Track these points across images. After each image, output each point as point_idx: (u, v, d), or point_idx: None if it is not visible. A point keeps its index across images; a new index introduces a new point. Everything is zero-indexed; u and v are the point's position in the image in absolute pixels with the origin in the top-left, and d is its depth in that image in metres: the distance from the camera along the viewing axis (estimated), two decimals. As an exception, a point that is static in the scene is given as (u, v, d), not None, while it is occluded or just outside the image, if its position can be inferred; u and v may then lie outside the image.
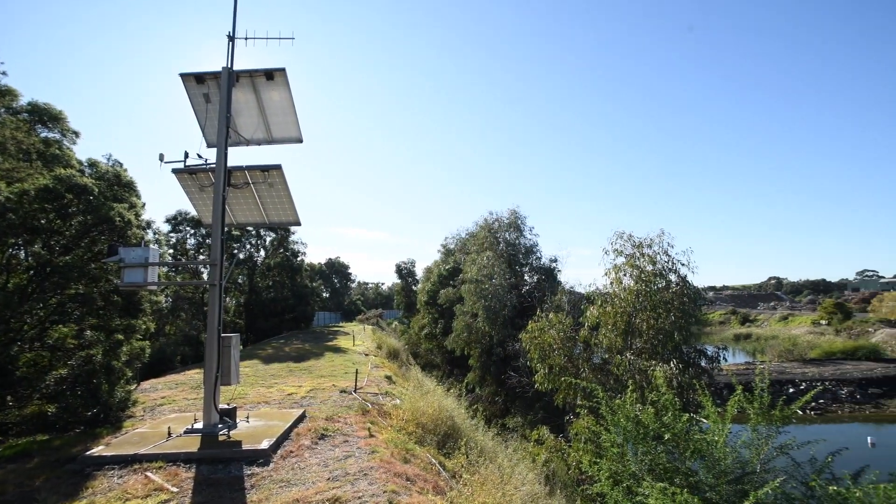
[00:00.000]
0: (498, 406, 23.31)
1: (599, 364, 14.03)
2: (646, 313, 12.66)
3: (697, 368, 12.96)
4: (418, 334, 40.66)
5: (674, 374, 11.04)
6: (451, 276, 32.53)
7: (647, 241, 13.61)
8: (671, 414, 7.62)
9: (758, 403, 7.69)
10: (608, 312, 13.21)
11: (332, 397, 11.88)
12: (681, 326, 12.38)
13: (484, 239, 26.51)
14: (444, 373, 33.94)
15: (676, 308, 12.52)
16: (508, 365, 21.58)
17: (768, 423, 7.55)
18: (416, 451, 8.50)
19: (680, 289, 12.96)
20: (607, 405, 8.40)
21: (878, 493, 5.97)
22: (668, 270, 13.26)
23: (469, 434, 10.88)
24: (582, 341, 14.28)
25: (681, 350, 12.96)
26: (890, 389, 35.23)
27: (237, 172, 9.32)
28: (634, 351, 13.05)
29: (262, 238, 41.76)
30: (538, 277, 26.35)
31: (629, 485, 7.52)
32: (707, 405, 8.17)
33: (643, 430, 7.70)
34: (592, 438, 9.71)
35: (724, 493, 6.94)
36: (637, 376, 12.04)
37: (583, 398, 11.98)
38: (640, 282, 13.04)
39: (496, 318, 22.68)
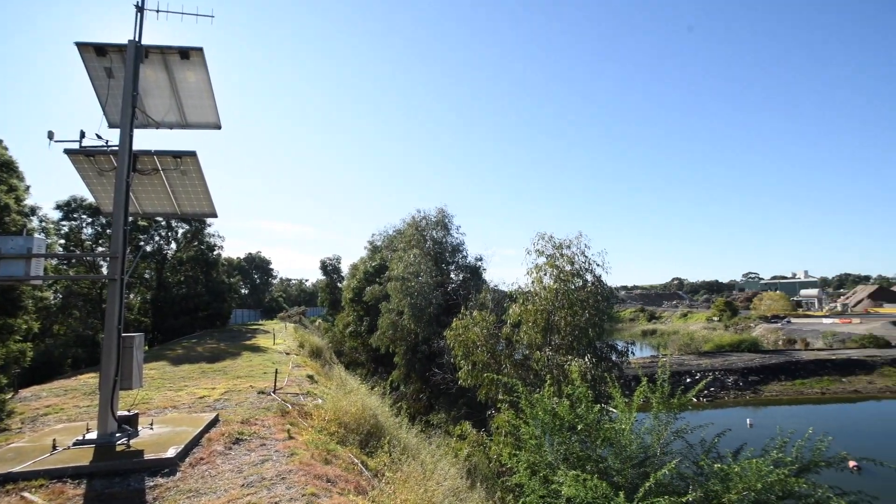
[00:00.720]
0: (422, 403, 23.48)
1: (521, 360, 14.61)
2: (564, 311, 13.39)
3: (609, 362, 13.94)
4: (343, 332, 39.81)
5: (588, 367, 11.77)
6: (378, 274, 32.21)
7: (567, 243, 14.40)
8: (584, 405, 8.12)
9: (659, 393, 8.42)
10: (529, 310, 13.79)
11: (249, 399, 11.29)
12: (595, 323, 13.26)
13: (411, 237, 26.55)
14: (369, 371, 33.54)
15: (591, 306, 13.38)
16: (433, 362, 21.79)
17: (668, 410, 8.30)
18: (338, 451, 8.32)
19: (595, 288, 13.87)
20: (527, 399, 8.76)
21: (751, 466, 6.81)
22: (585, 270, 14.14)
23: (393, 432, 10.84)
24: (504, 338, 14.78)
25: (594, 345, 13.87)
26: (765, 377, 40.13)
27: (145, 157, 8.54)
28: (553, 347, 13.73)
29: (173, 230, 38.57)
30: (464, 276, 26.87)
31: (545, 474, 7.90)
32: (616, 396, 8.81)
33: (559, 422, 8.12)
34: (512, 432, 10.08)
35: (629, 477, 7.52)
36: (555, 371, 12.68)
37: (504, 393, 12.41)
38: (560, 281, 13.77)
39: (422, 315, 22.80)
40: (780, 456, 7.70)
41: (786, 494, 7.12)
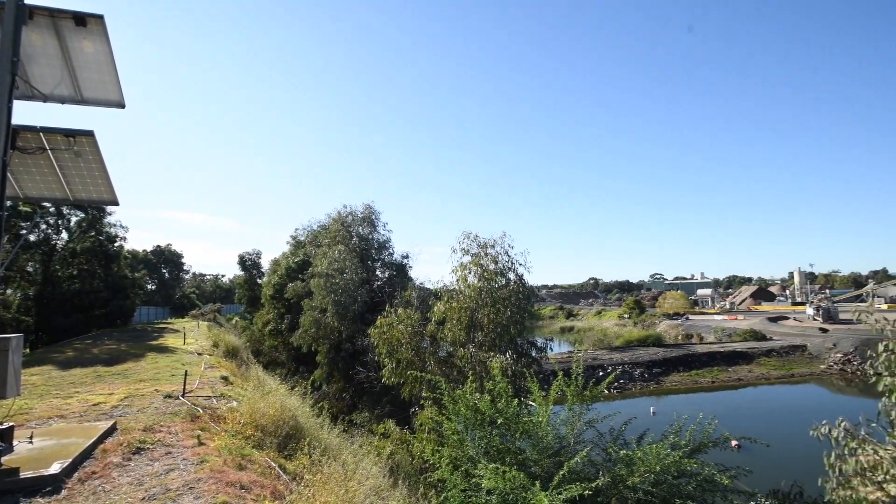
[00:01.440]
0: (345, 402, 23.02)
1: (444, 357, 14.79)
2: (487, 309, 13.75)
3: (529, 358, 14.52)
4: (262, 330, 37.95)
5: (509, 363, 12.18)
6: (301, 270, 31.04)
7: (491, 242, 14.79)
8: (504, 400, 8.40)
9: (574, 387, 8.92)
10: (454, 308, 14.00)
11: (154, 404, 10.40)
12: (517, 321, 13.76)
13: (336, 232, 25.88)
14: (290, 371, 32.29)
15: (514, 304, 13.87)
16: (357, 360, 21.44)
17: (581, 402, 8.83)
18: (254, 455, 7.91)
19: (517, 287, 14.38)
20: (449, 396, 8.90)
21: (652, 451, 7.46)
22: (508, 269, 14.62)
23: (314, 433, 10.52)
24: (429, 335, 14.89)
25: (516, 342, 14.38)
26: (667, 369, 44.02)
27: (28, 134, 7.52)
28: (476, 344, 14.05)
29: (65, 218, 34.41)
30: (390, 273, 26.69)
31: (467, 468, 8.07)
32: (534, 390, 9.21)
33: (480, 417, 8.33)
34: (435, 428, 10.19)
35: (546, 466, 7.90)
36: (477, 367, 12.99)
37: (428, 390, 12.51)
38: (484, 279, 14.12)
39: (346, 313, 22.34)
40: (676, 440, 8.50)
41: (680, 474, 7.88)
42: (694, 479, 7.94)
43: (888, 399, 6.48)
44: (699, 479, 7.89)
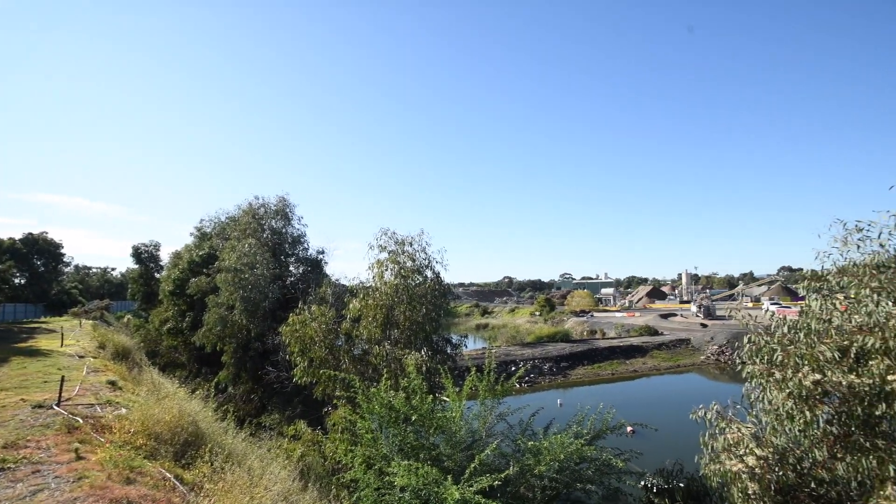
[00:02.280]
0: (254, 404, 21.81)
1: (360, 355, 14.55)
2: (404, 306, 13.74)
3: (444, 355, 14.74)
4: (159, 329, 34.73)
5: (424, 360, 12.27)
6: (206, 264, 28.83)
7: (409, 240, 14.78)
8: (419, 397, 8.45)
9: (486, 382, 9.23)
10: (370, 305, 13.82)
11: (19, 416, 9.11)
12: (433, 318, 13.90)
13: (247, 225, 24.39)
14: (192, 373, 29.92)
15: (430, 301, 13.98)
16: (267, 360, 20.41)
17: (493, 397, 9.16)
18: (146, 467, 7.23)
19: (434, 284, 14.52)
20: (364, 394, 8.78)
21: (556, 440, 7.94)
22: (425, 267, 14.70)
23: (216, 438, 9.85)
24: (344, 333, 14.56)
25: (431, 339, 14.52)
26: (573, 363, 46.97)
27: None
28: (392, 341, 13.99)
29: None
30: (304, 269, 25.70)
31: (380, 466, 8.01)
32: (448, 386, 9.37)
33: (395, 414, 8.32)
34: (349, 427, 10.00)
35: (459, 460, 8.08)
36: (393, 364, 12.94)
37: (342, 389, 12.22)
38: (400, 277, 14.08)
39: (256, 310, 21.16)
40: (579, 429, 9.12)
41: (581, 460, 8.47)
42: (593, 464, 8.59)
43: (750, 384, 7.48)
44: (598, 463, 8.55)
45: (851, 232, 7.09)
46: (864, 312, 6.51)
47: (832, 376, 6.25)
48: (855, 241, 7.05)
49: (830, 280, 7.34)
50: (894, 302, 6.42)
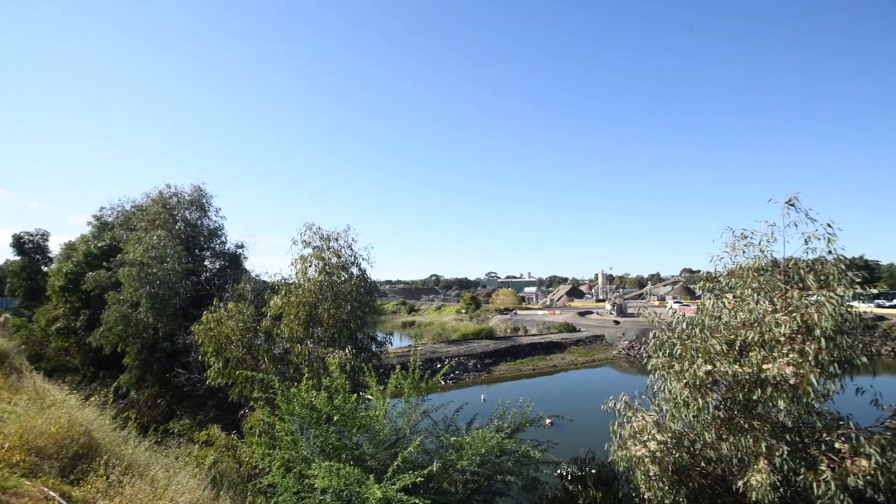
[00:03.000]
0: (161, 409, 20.19)
1: (281, 354, 13.96)
2: (328, 303, 13.36)
3: (369, 352, 14.54)
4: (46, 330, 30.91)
5: (348, 359, 12.02)
6: (107, 256, 26.09)
7: (335, 235, 14.38)
8: (342, 396, 8.27)
9: (411, 379, 9.24)
10: (292, 302, 13.30)
11: None
12: (358, 316, 13.64)
13: (156, 215, 22.43)
14: (86, 377, 27.01)
15: (355, 299, 13.71)
16: (177, 361, 18.95)
17: (417, 394, 9.18)
18: (23, 486, 6.42)
19: (360, 281, 14.26)
20: (283, 395, 8.43)
21: (478, 435, 8.14)
22: (351, 264, 14.39)
23: (114, 449, 8.98)
24: (264, 332, 13.90)
25: (356, 337, 14.26)
26: (497, 359, 48.43)
27: None
28: (315, 339, 13.57)
29: None
30: (221, 264, 24.15)
31: (301, 469, 7.74)
32: (372, 385, 9.27)
33: (317, 415, 8.07)
34: (267, 430, 9.56)
35: (382, 459, 8.01)
36: (315, 364, 12.56)
37: (260, 390, 11.65)
38: (325, 273, 13.68)
39: (165, 307, 19.56)
40: (500, 423, 9.42)
41: (502, 453, 8.76)
42: (513, 456, 8.91)
43: (653, 375, 8.19)
44: (517, 455, 8.88)
45: (738, 239, 7.97)
46: (747, 310, 7.35)
47: (721, 367, 6.99)
48: (741, 247, 7.93)
49: (721, 281, 8.22)
50: (770, 301, 7.32)
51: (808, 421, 7.31)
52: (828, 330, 6.48)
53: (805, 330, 6.70)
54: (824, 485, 6.21)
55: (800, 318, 6.73)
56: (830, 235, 7.17)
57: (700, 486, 7.79)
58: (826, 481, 6.21)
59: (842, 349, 6.65)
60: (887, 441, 6.51)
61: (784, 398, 6.68)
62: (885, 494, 6.32)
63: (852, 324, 6.94)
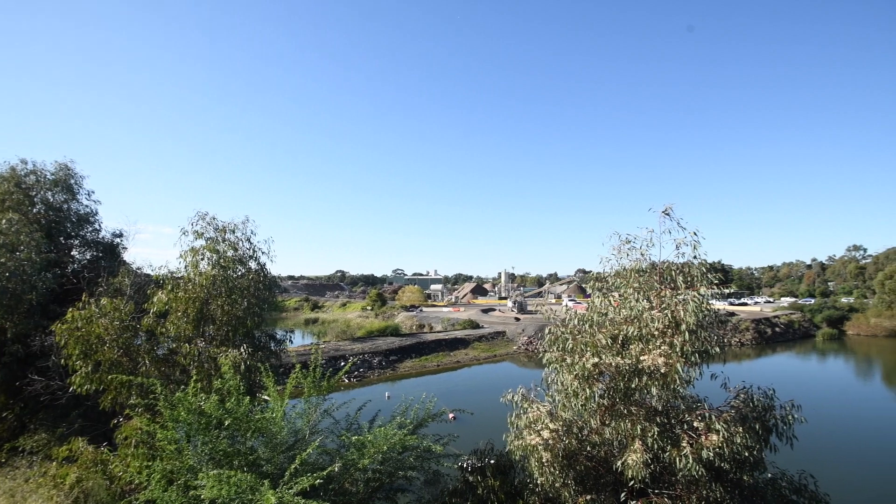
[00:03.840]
0: (7, 424, 17.28)
1: (165, 355, 12.68)
2: (222, 299, 12.39)
3: (267, 351, 13.75)
4: None
5: (243, 358, 11.28)
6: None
7: (231, 227, 13.37)
8: (235, 398, 7.75)
9: (311, 378, 8.94)
10: (181, 298, 12.15)
11: None
12: (255, 312, 12.83)
13: (7, 195, 19.12)
14: None
15: (253, 294, 12.87)
16: (31, 367, 16.37)
17: (318, 393, 8.91)
18: None
19: (258, 276, 13.42)
20: (167, 400, 7.69)
21: (380, 433, 8.12)
22: (250, 257, 13.48)
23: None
24: (146, 330, 12.52)
25: (253, 335, 13.40)
26: (402, 356, 48.54)
27: None
28: (207, 338, 12.53)
29: None
30: (94, 254, 21.24)
31: (186, 480, 7.12)
32: (269, 385, 8.81)
33: (206, 420, 7.47)
34: (146, 440, 8.64)
35: (279, 463, 7.64)
36: (206, 364, 11.61)
37: (139, 396, 10.50)
38: (219, 267, 12.67)
39: (18, 304, 16.77)
40: (403, 419, 9.48)
41: (404, 449, 8.81)
42: (415, 452, 9.02)
43: (548, 368, 8.79)
44: (419, 450, 9.00)
45: (624, 243, 8.84)
46: (629, 307, 8.18)
47: (606, 359, 7.71)
48: (626, 251, 8.79)
49: (609, 281, 9.05)
50: (648, 299, 8.21)
51: (675, 404, 8.32)
52: (692, 325, 7.43)
53: (674, 325, 7.62)
54: (684, 458, 7.12)
55: (671, 315, 7.65)
56: (696, 242, 8.23)
57: (586, 469, 8.49)
58: (685, 455, 7.12)
59: (702, 341, 7.68)
60: (731, 418, 7.66)
61: (656, 385, 7.55)
62: (728, 463, 7.42)
63: (710, 319, 8.04)
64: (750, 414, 7.96)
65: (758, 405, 8.15)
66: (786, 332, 68.00)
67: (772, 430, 8.01)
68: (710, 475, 7.57)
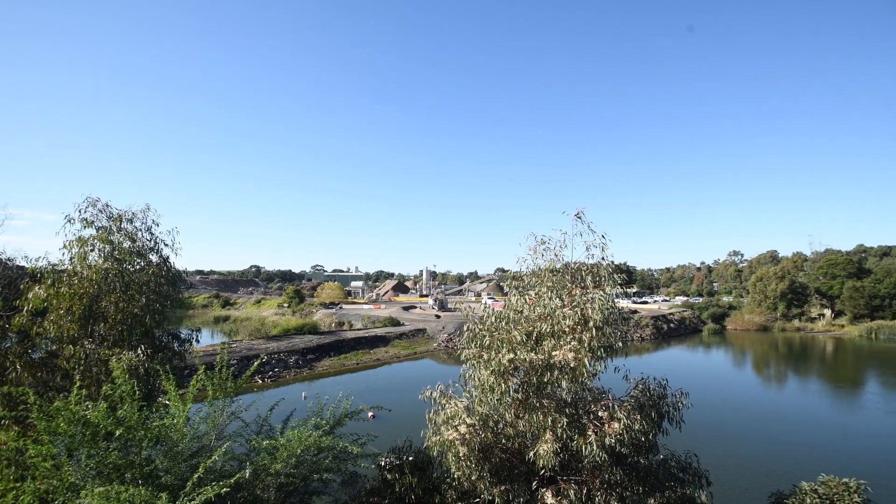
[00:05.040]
0: None
1: (43, 358, 11.17)
2: (116, 295, 11.16)
3: (169, 352, 12.63)
4: None
5: (140, 360, 10.26)
6: None
7: (129, 215, 12.07)
8: (128, 405, 7.04)
9: (217, 379, 8.37)
10: (64, 294, 10.76)
11: None
12: (156, 310, 11.70)
13: None
14: None
15: (153, 290, 11.73)
16: None
17: (225, 395, 8.37)
18: None
19: (161, 270, 12.25)
20: (42, 410, 6.78)
21: (294, 435, 7.82)
22: (150, 250, 12.27)
23: None
24: (17, 330, 10.94)
25: (153, 334, 12.23)
26: (320, 354, 47.14)
27: None
28: (97, 339, 11.23)
29: None
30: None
31: (65, 500, 6.35)
32: (170, 389, 8.12)
33: (92, 431, 6.71)
34: (13, 458, 7.56)
35: (180, 472, 7.05)
36: (95, 368, 10.43)
37: (5, 407, 9.15)
38: (113, 259, 11.40)
39: None
40: (319, 420, 9.21)
41: (320, 450, 8.56)
42: (331, 453, 8.80)
43: (466, 365, 8.99)
44: (336, 451, 8.79)
45: (539, 244, 9.27)
46: (543, 305, 8.59)
47: (521, 355, 8.04)
48: (541, 251, 9.23)
49: (525, 280, 9.45)
50: (560, 297, 8.69)
51: (583, 396, 8.89)
52: (598, 322, 7.99)
53: (583, 322, 8.13)
54: (590, 446, 7.65)
55: (580, 312, 8.16)
56: (604, 244, 8.86)
57: (501, 461, 8.79)
58: (591, 443, 7.65)
59: (607, 337, 8.27)
60: (631, 407, 8.36)
61: (566, 379, 8.02)
62: (628, 447, 8.10)
63: (615, 316, 8.68)
64: (647, 402, 8.73)
65: (653, 394, 8.97)
66: (679, 327, 75.48)
67: (665, 415, 8.86)
68: (612, 460, 8.19)
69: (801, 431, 28.11)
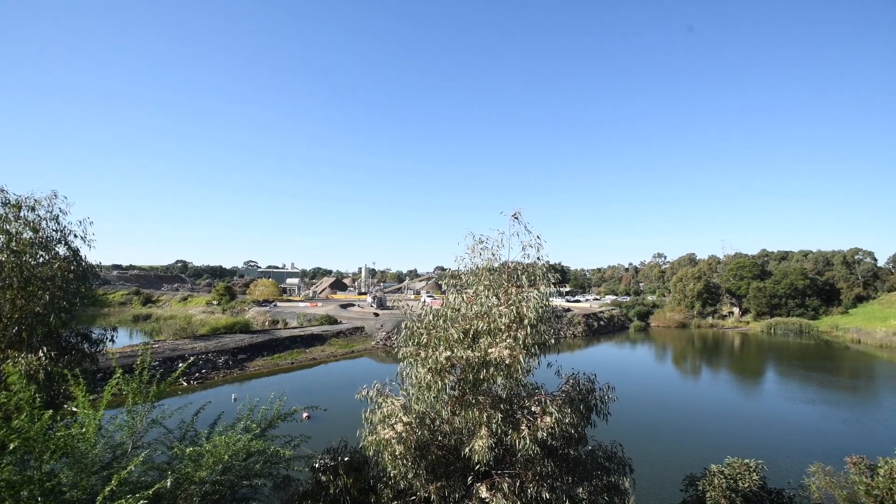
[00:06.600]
0: None
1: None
2: (13, 291, 10.01)
3: (79, 354, 11.53)
4: None
5: (41, 364, 9.29)
6: None
7: (30, 202, 10.89)
8: (27, 414, 6.35)
9: (136, 383, 7.76)
10: (-52, 290, 9.56)
11: None
12: (62, 308, 10.62)
13: None
14: None
15: (59, 286, 10.64)
16: None
17: (145, 400, 7.78)
18: None
19: (69, 263, 11.13)
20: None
21: (221, 441, 7.42)
22: (57, 241, 11.12)
23: None
24: None
25: (58, 335, 11.10)
26: (252, 354, 45.09)
27: None
28: (-12, 341, 10.06)
29: None
30: None
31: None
32: (79, 395, 7.43)
33: (-20, 444, 5.99)
34: None
35: (89, 487, 6.46)
36: (-15, 373, 9.34)
37: None
38: (10, 251, 10.21)
39: None
40: (249, 423, 8.80)
41: (250, 455, 8.18)
42: (262, 457, 8.43)
43: (403, 363, 8.96)
44: (267, 455, 8.44)
45: (477, 243, 9.42)
46: (480, 303, 8.75)
47: (458, 352, 8.13)
48: (479, 251, 9.39)
49: (463, 278, 9.57)
50: (496, 296, 8.89)
51: (517, 392, 9.14)
52: (533, 319, 8.25)
53: (518, 320, 8.37)
54: (523, 440, 7.88)
55: (516, 310, 8.39)
56: (540, 245, 9.15)
57: (437, 458, 8.85)
58: (524, 437, 7.89)
59: (541, 334, 8.56)
60: (562, 401, 8.72)
61: (502, 375, 8.22)
62: (559, 440, 8.45)
63: (549, 314, 9.00)
64: (577, 397, 9.14)
65: (583, 389, 9.40)
66: (608, 324, 79.71)
67: (593, 408, 9.31)
68: (544, 452, 8.50)
69: (713, 418, 30.75)
